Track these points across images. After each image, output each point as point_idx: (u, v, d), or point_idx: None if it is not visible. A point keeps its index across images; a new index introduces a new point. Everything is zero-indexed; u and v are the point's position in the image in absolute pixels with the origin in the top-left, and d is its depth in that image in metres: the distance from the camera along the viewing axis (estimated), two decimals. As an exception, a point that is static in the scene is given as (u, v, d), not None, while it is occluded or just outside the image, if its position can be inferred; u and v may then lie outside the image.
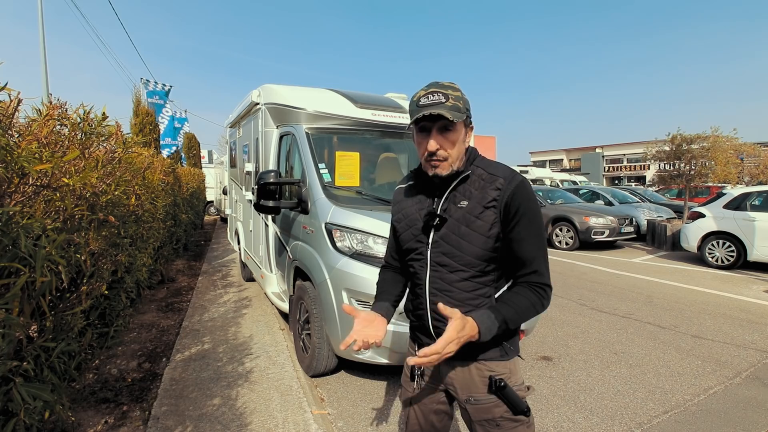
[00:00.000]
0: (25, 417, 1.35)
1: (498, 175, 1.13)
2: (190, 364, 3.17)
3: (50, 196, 1.54)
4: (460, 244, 1.14)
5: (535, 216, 1.12)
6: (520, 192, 1.10)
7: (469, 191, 1.15)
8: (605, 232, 8.99)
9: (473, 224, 1.12)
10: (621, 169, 45.44)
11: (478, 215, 1.12)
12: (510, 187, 1.10)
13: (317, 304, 2.91)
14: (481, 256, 1.12)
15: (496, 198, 1.11)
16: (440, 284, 1.18)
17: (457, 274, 1.15)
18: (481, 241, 1.12)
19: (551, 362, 3.44)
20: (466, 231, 1.13)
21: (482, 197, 1.12)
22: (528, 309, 1.09)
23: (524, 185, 1.12)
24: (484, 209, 1.11)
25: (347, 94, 3.84)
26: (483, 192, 1.13)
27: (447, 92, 1.09)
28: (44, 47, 10.32)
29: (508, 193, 1.10)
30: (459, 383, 1.19)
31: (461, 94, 1.12)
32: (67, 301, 1.76)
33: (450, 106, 1.07)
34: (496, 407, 1.14)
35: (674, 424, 2.56)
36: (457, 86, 1.13)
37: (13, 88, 1.35)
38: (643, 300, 5.28)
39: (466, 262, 1.14)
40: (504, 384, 1.11)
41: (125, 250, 2.44)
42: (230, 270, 6.69)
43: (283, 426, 2.37)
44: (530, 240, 1.11)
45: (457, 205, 1.15)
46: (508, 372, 1.17)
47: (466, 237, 1.13)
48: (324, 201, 3.04)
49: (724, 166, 8.90)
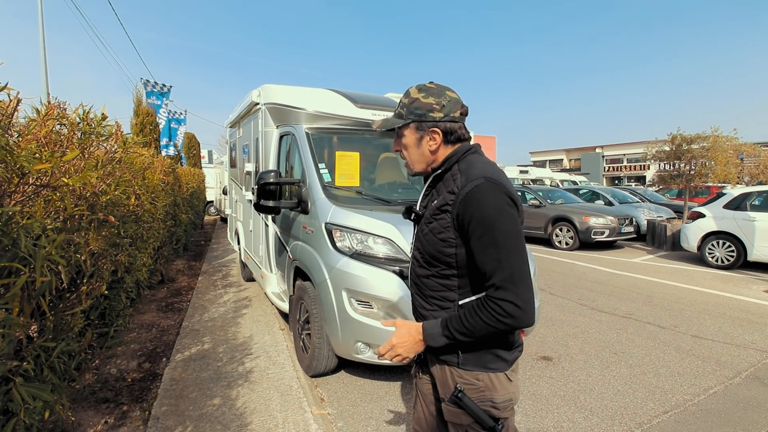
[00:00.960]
0: (25, 417, 1.35)
1: (462, 177, 1.09)
2: (190, 364, 3.17)
3: (50, 195, 1.53)
4: (422, 241, 1.18)
5: (490, 224, 1.00)
6: (469, 200, 1.03)
7: (440, 190, 1.16)
8: (605, 232, 8.99)
9: (429, 225, 1.14)
10: (621, 169, 45.44)
11: (433, 216, 1.13)
12: (463, 192, 1.04)
13: (317, 304, 2.91)
14: (435, 257, 1.13)
15: (449, 203, 1.09)
16: (414, 277, 1.25)
17: (422, 269, 1.19)
18: (433, 242, 1.12)
19: (551, 362, 3.44)
20: (426, 230, 1.16)
21: (442, 198, 1.12)
22: (479, 325, 1.01)
23: (476, 193, 1.02)
24: (439, 212, 1.11)
25: (347, 94, 3.84)
26: (444, 192, 1.13)
27: (398, 104, 1.20)
28: (44, 47, 10.32)
29: (459, 201, 1.05)
30: (438, 381, 1.21)
31: (412, 99, 1.16)
32: (67, 301, 1.76)
33: (393, 116, 1.21)
34: (463, 414, 1.12)
35: (674, 424, 2.56)
36: (409, 91, 1.19)
37: (13, 88, 1.35)
38: (643, 300, 5.28)
39: (426, 260, 1.17)
40: (460, 396, 1.09)
41: (125, 250, 2.44)
42: (230, 270, 6.69)
43: (283, 426, 2.37)
44: (486, 251, 1.01)
45: (432, 202, 1.17)
46: (472, 386, 1.10)
47: (426, 236, 1.15)
48: (324, 201, 3.04)
49: (724, 166, 8.89)
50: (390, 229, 2.77)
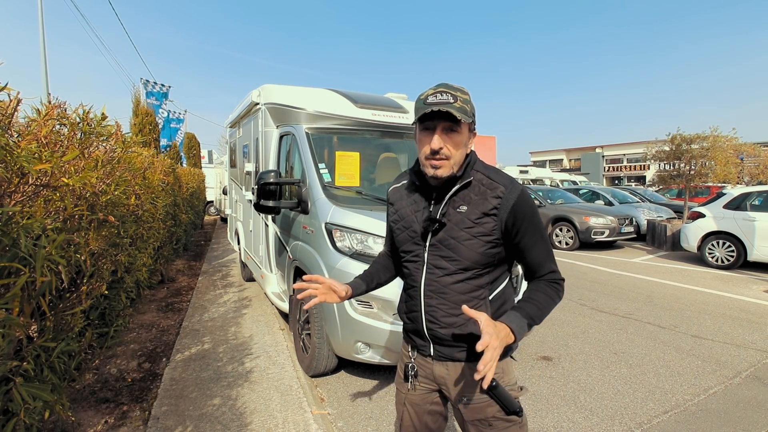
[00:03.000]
0: (25, 417, 1.35)
1: (498, 183, 1.14)
2: (190, 364, 3.17)
3: (50, 195, 1.53)
4: (458, 248, 1.14)
5: (538, 222, 1.16)
6: (522, 201, 1.12)
7: (469, 196, 1.15)
8: (605, 232, 8.99)
9: (472, 230, 1.13)
10: (621, 169, 45.43)
11: (477, 221, 1.13)
12: (512, 196, 1.12)
13: (317, 305, 2.91)
14: (479, 260, 1.14)
15: (497, 206, 1.11)
16: (435, 286, 1.19)
17: (452, 276, 1.16)
18: (479, 245, 1.13)
19: (551, 362, 3.44)
20: (465, 236, 1.13)
21: (482, 204, 1.13)
22: (548, 303, 1.14)
23: (525, 194, 1.14)
24: (484, 216, 1.12)
25: (347, 94, 3.84)
26: (483, 198, 1.13)
27: (456, 94, 1.08)
28: (44, 47, 10.32)
29: (511, 203, 1.11)
30: (452, 383, 1.20)
31: (469, 99, 1.12)
32: (67, 301, 1.76)
33: (458, 107, 1.06)
34: (488, 407, 1.15)
35: (674, 424, 2.56)
36: (466, 90, 1.13)
37: (13, 88, 1.35)
38: (643, 300, 5.28)
39: (464, 266, 1.15)
40: (496, 384, 1.10)
41: (125, 250, 2.44)
42: (230, 270, 6.69)
43: (283, 426, 2.37)
44: (538, 246, 1.16)
45: (457, 209, 1.15)
46: (501, 372, 1.17)
47: (465, 242, 1.13)
48: (324, 201, 3.04)
49: (724, 166, 8.89)
50: (390, 229, 2.76)
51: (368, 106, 3.79)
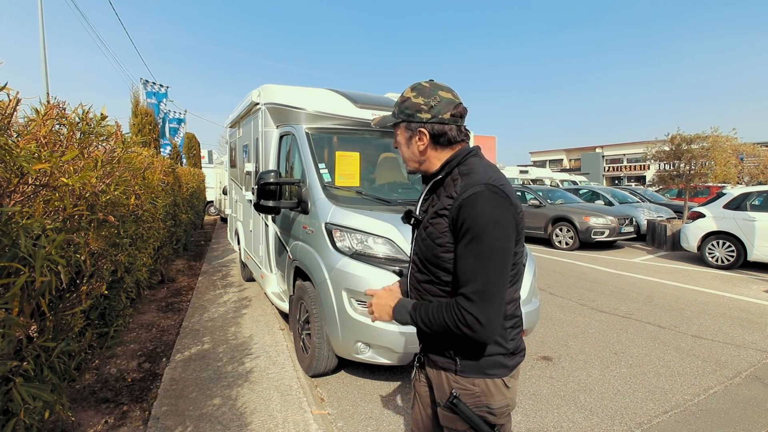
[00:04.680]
0: (25, 417, 1.35)
1: (462, 182, 1.08)
2: (190, 364, 3.16)
3: (49, 195, 1.53)
4: (421, 246, 1.17)
5: (480, 234, 0.98)
6: (468, 206, 1.01)
7: (440, 194, 1.14)
8: (605, 232, 8.99)
9: (427, 229, 1.13)
10: (621, 169, 45.44)
11: (431, 221, 1.12)
12: (463, 196, 1.03)
13: (317, 304, 2.91)
14: (433, 262, 1.11)
15: (447, 207, 1.07)
16: (414, 282, 1.23)
17: (421, 274, 1.18)
18: (430, 246, 1.11)
19: (551, 362, 3.43)
20: (424, 235, 1.15)
21: (441, 203, 1.11)
22: (440, 322, 1.03)
23: (477, 197, 1.01)
24: (437, 216, 1.10)
25: (347, 94, 3.84)
26: (443, 197, 1.12)
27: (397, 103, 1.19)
28: (44, 47, 10.32)
29: (457, 205, 1.04)
30: (435, 385, 1.20)
31: (400, 100, 1.19)
32: (66, 301, 1.76)
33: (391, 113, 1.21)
34: (459, 420, 1.11)
35: (674, 424, 2.56)
36: (405, 90, 1.19)
37: (12, 88, 1.35)
38: (643, 300, 5.28)
39: (424, 265, 1.16)
40: (455, 402, 1.07)
41: (125, 250, 2.44)
42: (230, 270, 6.69)
43: (283, 426, 2.37)
44: (468, 259, 1.01)
45: (432, 207, 1.16)
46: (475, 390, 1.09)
47: (424, 241, 1.15)
48: (324, 201, 3.04)
49: (724, 166, 8.90)
50: (390, 229, 2.77)
51: (368, 106, 3.79)
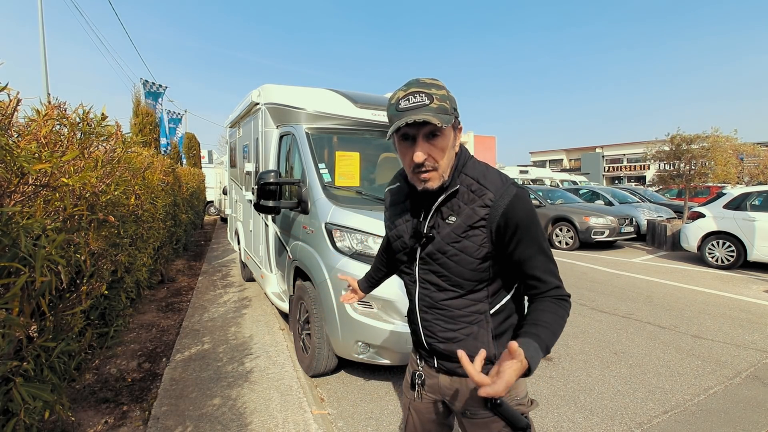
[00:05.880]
0: (25, 417, 1.35)
1: (488, 188, 1.00)
2: (190, 364, 3.16)
3: (50, 195, 1.53)
4: (447, 264, 1.05)
5: (536, 230, 1.00)
6: (514, 208, 0.97)
7: (458, 205, 1.03)
8: (605, 232, 8.99)
9: (459, 244, 1.02)
10: (621, 169, 45.43)
11: (464, 235, 1.01)
12: (502, 203, 0.98)
13: (317, 304, 2.91)
14: (470, 277, 1.04)
15: (484, 217, 0.99)
16: (428, 301, 1.12)
17: (445, 292, 1.08)
18: (468, 262, 1.02)
19: (551, 362, 3.44)
20: (453, 251, 1.03)
21: (470, 214, 1.01)
22: (560, 325, 0.99)
23: (518, 199, 0.98)
24: (471, 228, 1.01)
25: (347, 94, 3.84)
26: (471, 208, 1.01)
27: (430, 91, 0.93)
28: (44, 47, 10.32)
29: (501, 211, 0.97)
30: (457, 396, 1.15)
31: (446, 92, 0.97)
32: (67, 301, 1.76)
33: (435, 108, 0.92)
34: (493, 423, 1.08)
35: (674, 424, 2.56)
36: (440, 83, 0.98)
37: (12, 88, 1.35)
38: (643, 300, 5.28)
39: (455, 282, 1.06)
40: (500, 401, 0.99)
41: (125, 250, 2.44)
42: (230, 270, 6.69)
43: (283, 426, 2.37)
44: (538, 257, 1.00)
45: (446, 220, 1.04)
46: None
47: (453, 258, 1.03)
48: (324, 201, 3.04)
49: (724, 166, 8.89)
50: (390, 229, 2.76)
51: (368, 106, 3.79)
